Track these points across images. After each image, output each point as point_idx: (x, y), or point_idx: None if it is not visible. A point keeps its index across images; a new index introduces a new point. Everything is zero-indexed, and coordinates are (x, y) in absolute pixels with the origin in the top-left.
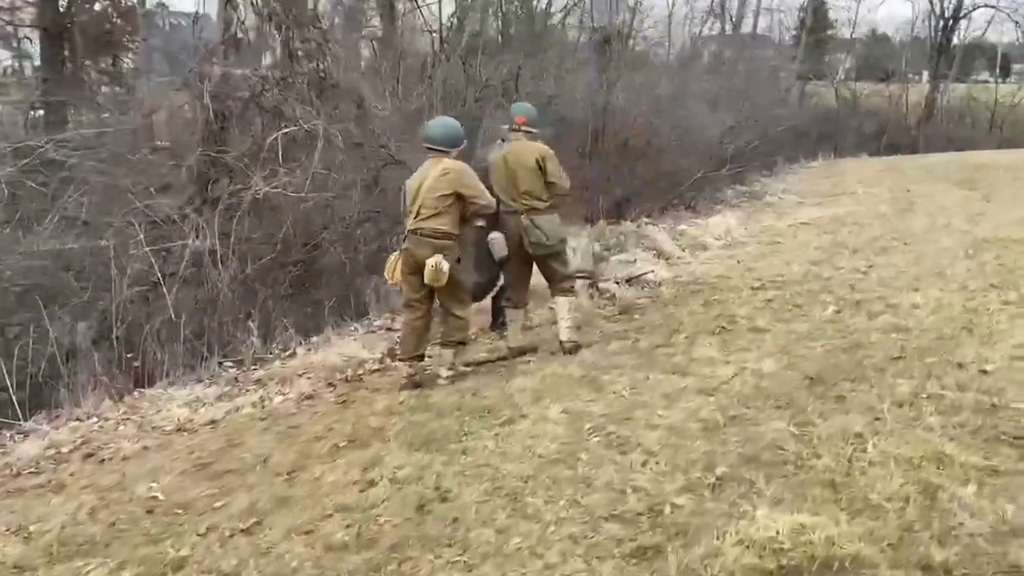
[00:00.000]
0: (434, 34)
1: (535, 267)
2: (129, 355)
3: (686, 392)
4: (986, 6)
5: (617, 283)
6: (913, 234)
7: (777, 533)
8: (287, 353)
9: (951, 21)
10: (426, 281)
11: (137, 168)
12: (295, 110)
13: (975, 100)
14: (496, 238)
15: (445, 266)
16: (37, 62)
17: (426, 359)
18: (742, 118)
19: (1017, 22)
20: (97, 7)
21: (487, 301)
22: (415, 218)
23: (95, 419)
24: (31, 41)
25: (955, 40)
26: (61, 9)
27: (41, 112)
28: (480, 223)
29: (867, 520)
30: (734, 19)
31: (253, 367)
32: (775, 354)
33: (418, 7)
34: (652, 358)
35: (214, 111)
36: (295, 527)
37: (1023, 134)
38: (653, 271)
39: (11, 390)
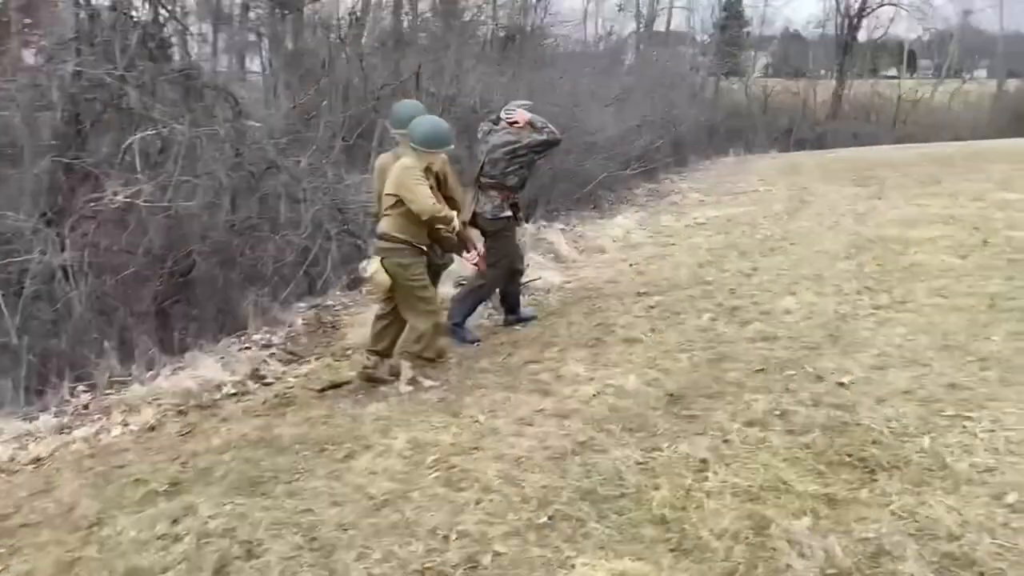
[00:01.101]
0: (330, 31)
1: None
2: None
3: (542, 415)
4: (889, 3)
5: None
6: (801, 235)
7: None
8: (149, 374)
9: (856, 19)
10: (369, 288)
11: None
12: (154, 112)
13: (880, 96)
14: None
15: (372, 269)
16: None
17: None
18: (650, 116)
19: (918, 19)
20: None
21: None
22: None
23: None
24: None
25: (862, 37)
26: None
27: None
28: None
29: (692, 563)
30: (646, 17)
31: (108, 392)
32: (641, 368)
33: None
34: (519, 376)
35: (68, 113)
36: None
37: (924, 129)
38: (540, 277)
39: None
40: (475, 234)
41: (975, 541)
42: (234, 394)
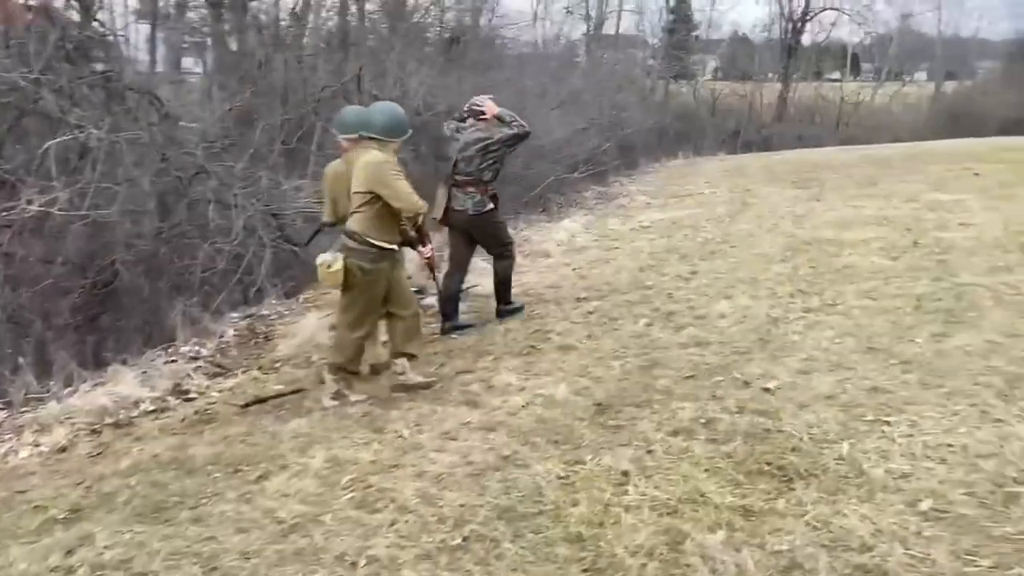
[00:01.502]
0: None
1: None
2: None
3: (468, 429)
4: (831, 8)
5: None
6: (741, 237)
7: None
8: (67, 391)
9: (799, 23)
10: (320, 280)
11: None
12: (71, 116)
13: (824, 99)
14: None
15: (337, 265)
16: None
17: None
18: (597, 119)
19: (859, 23)
20: None
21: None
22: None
23: None
24: None
25: (806, 41)
26: None
27: None
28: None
29: None
30: (595, 20)
31: (25, 410)
32: (573, 377)
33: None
34: (449, 386)
35: None
36: None
37: (866, 131)
38: (479, 285)
39: None
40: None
41: (887, 552)
42: (152, 411)
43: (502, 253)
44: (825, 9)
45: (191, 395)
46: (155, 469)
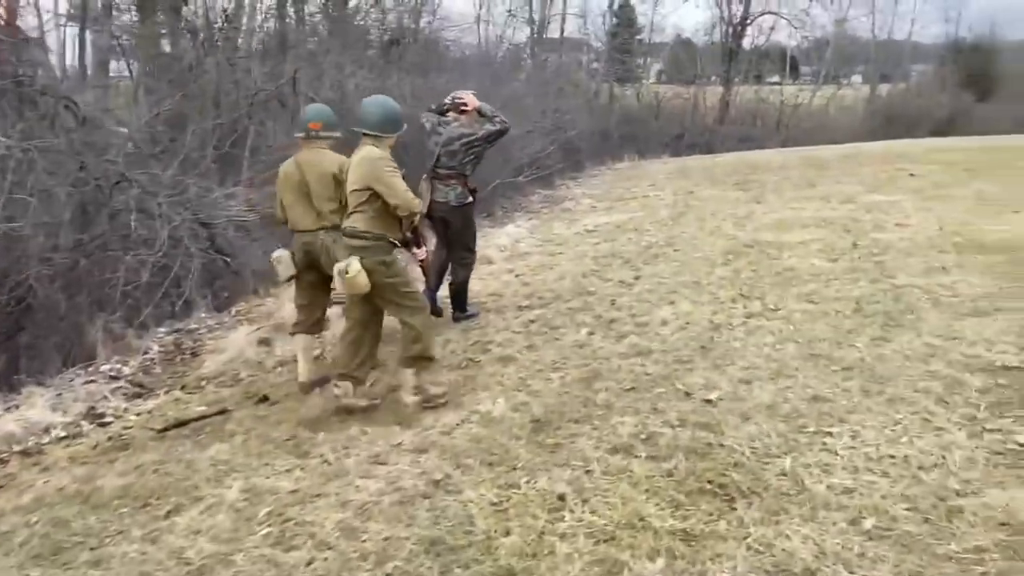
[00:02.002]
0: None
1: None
2: None
3: (398, 451)
4: (769, 12)
5: None
6: (683, 240)
7: None
8: None
9: (739, 27)
10: (347, 292)
11: None
12: None
13: (764, 101)
14: (281, 256)
15: (354, 268)
16: None
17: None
18: (542, 122)
19: (796, 27)
20: None
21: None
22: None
23: None
24: None
25: (747, 44)
26: None
27: None
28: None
29: None
30: (538, 23)
31: None
32: (511, 391)
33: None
34: (382, 404)
35: None
36: None
37: (805, 132)
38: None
39: None
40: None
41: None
42: (64, 437)
43: (463, 259)
44: (764, 13)
45: (107, 419)
46: (59, 504)
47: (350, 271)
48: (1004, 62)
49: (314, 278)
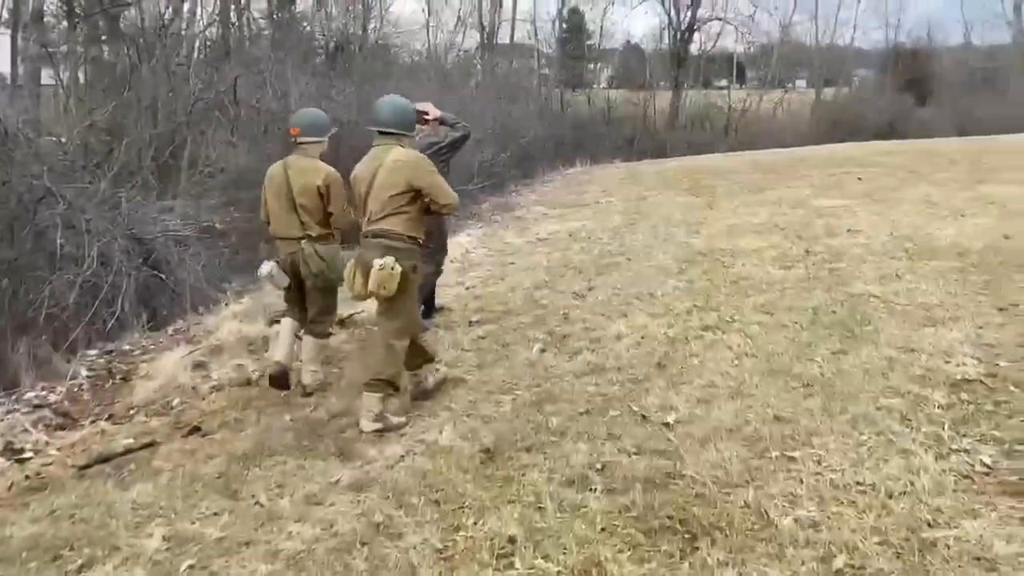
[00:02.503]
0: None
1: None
2: None
3: (336, 490)
4: (716, 19)
5: None
6: (636, 249)
7: None
8: None
9: (687, 32)
10: (370, 288)
11: None
12: None
13: (713, 106)
14: (272, 270)
15: (397, 268)
16: None
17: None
18: (492, 128)
19: (743, 33)
20: None
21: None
22: (367, 220)
23: None
24: None
25: (695, 50)
26: None
27: None
28: None
29: None
30: (488, 28)
31: None
32: (460, 417)
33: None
34: (321, 435)
35: None
36: None
37: (753, 137)
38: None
39: None
40: None
41: None
42: None
43: (441, 248)
44: (711, 19)
45: (25, 454)
46: None
47: (393, 268)
48: (940, 67)
49: (296, 285)
